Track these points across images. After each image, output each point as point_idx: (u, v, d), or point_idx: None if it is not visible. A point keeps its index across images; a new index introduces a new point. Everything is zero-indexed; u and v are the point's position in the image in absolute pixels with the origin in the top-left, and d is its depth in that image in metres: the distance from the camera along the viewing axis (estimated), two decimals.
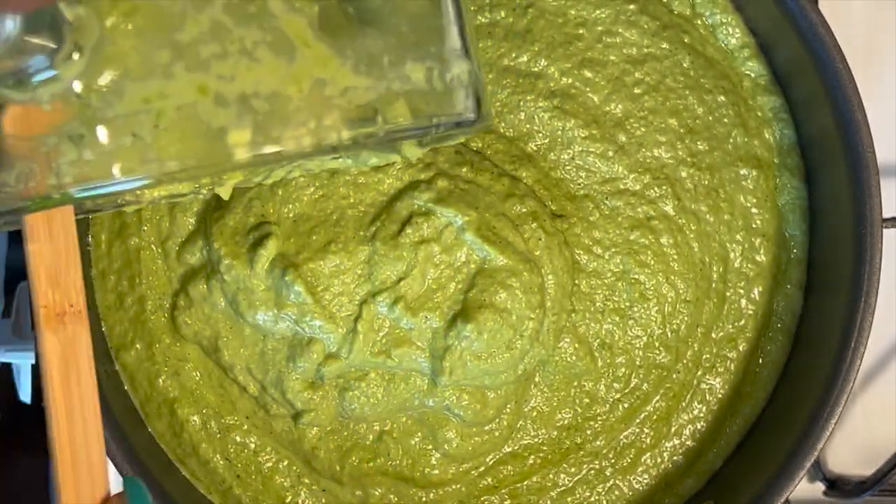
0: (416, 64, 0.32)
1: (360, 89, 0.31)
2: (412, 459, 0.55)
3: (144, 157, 0.30)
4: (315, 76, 0.30)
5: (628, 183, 0.56)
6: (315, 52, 0.30)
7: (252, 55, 0.30)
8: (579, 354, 0.55)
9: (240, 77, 0.30)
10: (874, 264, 0.51)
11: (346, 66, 0.31)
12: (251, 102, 0.30)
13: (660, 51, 0.56)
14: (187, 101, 0.30)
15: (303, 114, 0.30)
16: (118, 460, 0.52)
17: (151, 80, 0.29)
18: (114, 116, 0.30)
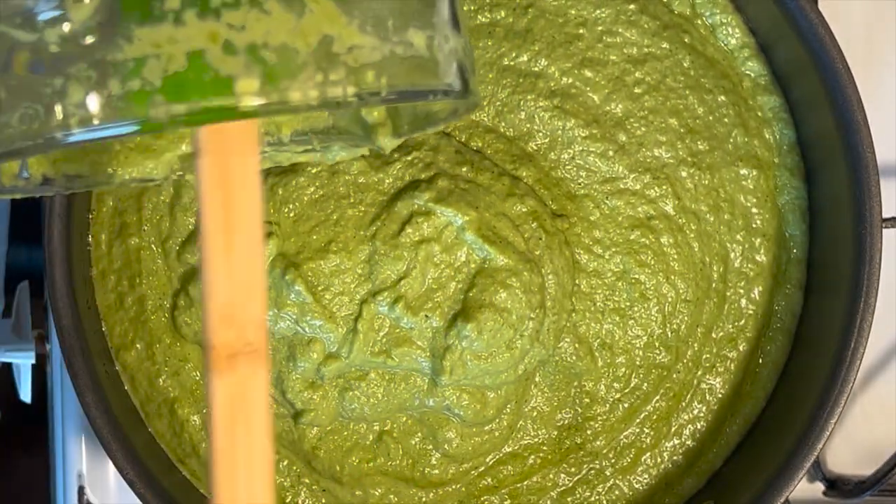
0: (418, 31, 0.33)
1: (366, 49, 0.31)
2: (412, 459, 0.55)
3: (152, 101, 0.30)
4: (323, 32, 0.31)
5: (628, 182, 0.56)
6: (323, 8, 0.31)
7: (262, 7, 0.30)
8: (579, 354, 0.55)
9: (249, 27, 0.30)
10: (874, 264, 0.51)
11: (353, 25, 0.31)
12: (260, 53, 0.30)
13: (660, 50, 0.56)
14: (197, 47, 0.30)
15: (310, 68, 0.31)
16: (118, 460, 0.52)
17: (162, 24, 0.30)
18: (123, 60, 0.30)
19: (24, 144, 0.31)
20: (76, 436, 0.62)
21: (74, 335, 0.52)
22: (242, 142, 0.34)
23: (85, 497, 0.62)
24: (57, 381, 0.63)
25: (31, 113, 0.30)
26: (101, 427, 0.52)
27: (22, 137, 0.31)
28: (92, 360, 0.53)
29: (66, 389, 0.62)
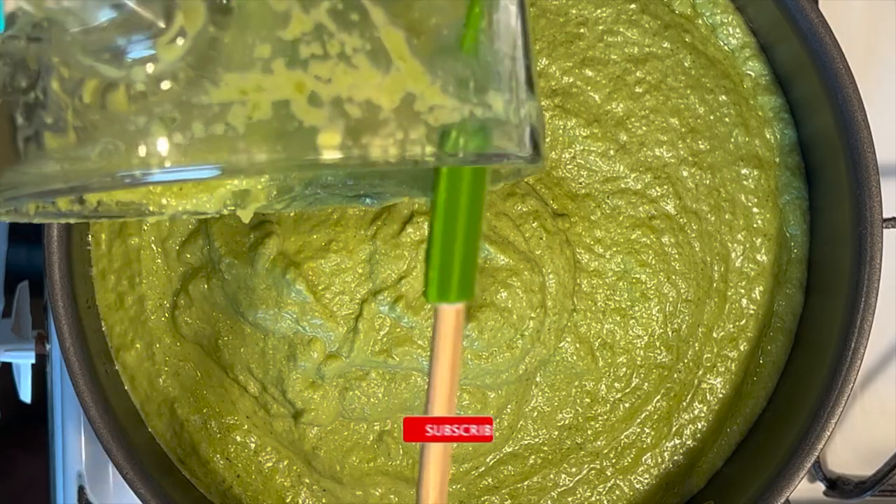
0: (497, 94, 0.33)
1: (447, 109, 0.31)
2: (413, 459, 0.55)
3: (234, 146, 0.30)
4: (407, 90, 0.31)
5: (629, 182, 0.56)
6: (409, 66, 0.31)
7: (350, 61, 0.30)
8: (580, 354, 0.55)
9: (336, 80, 0.30)
10: (874, 264, 0.51)
11: (436, 85, 0.31)
12: (344, 107, 0.30)
13: (661, 50, 0.56)
14: (283, 97, 0.30)
15: (392, 124, 0.31)
16: (118, 460, 0.52)
17: (250, 72, 0.30)
18: (209, 104, 0.30)
19: (102, 181, 0.31)
20: (76, 436, 0.62)
21: (74, 335, 0.52)
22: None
23: (85, 497, 0.62)
24: (57, 381, 0.63)
25: (112, 149, 0.30)
26: (101, 427, 0.52)
27: (100, 173, 0.30)
28: (92, 360, 0.53)
29: (66, 389, 0.62)
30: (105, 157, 0.30)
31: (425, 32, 0.32)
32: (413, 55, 0.31)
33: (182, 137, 0.30)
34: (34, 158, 0.31)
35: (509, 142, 0.33)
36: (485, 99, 0.32)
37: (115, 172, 0.30)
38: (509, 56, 0.33)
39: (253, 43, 0.30)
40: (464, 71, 0.32)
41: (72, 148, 0.31)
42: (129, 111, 0.30)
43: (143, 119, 0.30)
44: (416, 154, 0.31)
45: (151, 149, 0.30)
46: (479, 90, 0.32)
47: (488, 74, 0.33)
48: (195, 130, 0.30)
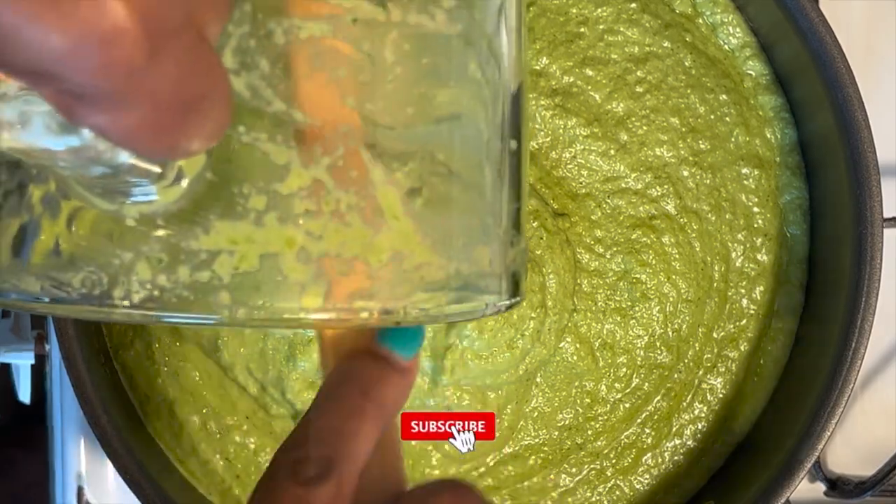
0: (484, 247, 0.32)
1: (433, 267, 0.31)
2: (413, 460, 0.55)
3: (217, 296, 0.29)
4: (396, 248, 0.30)
5: (630, 182, 0.56)
6: (401, 225, 0.31)
7: (343, 218, 0.30)
8: (580, 354, 0.55)
9: (327, 238, 0.30)
10: (874, 264, 0.51)
11: (426, 244, 0.31)
12: (332, 264, 0.30)
13: (661, 49, 0.56)
14: (272, 250, 0.29)
15: (378, 283, 0.30)
16: (117, 461, 0.52)
17: (242, 223, 0.29)
18: (197, 250, 0.29)
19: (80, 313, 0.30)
20: (75, 436, 0.62)
21: (73, 335, 0.52)
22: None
23: (84, 497, 0.61)
24: (56, 381, 0.62)
25: (95, 279, 0.30)
26: (101, 427, 0.52)
27: (79, 300, 0.30)
28: (91, 360, 0.53)
29: (66, 390, 0.62)
30: (87, 286, 0.30)
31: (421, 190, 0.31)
32: (406, 214, 0.31)
33: (166, 280, 0.29)
34: (14, 268, 0.31)
35: (490, 295, 0.33)
36: (472, 254, 0.32)
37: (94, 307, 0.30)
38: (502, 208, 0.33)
39: (248, 193, 0.29)
40: (455, 228, 0.32)
41: (54, 268, 0.30)
42: (116, 244, 0.30)
43: (130, 256, 0.29)
44: (399, 315, 0.31)
45: (134, 286, 0.29)
46: (466, 246, 0.32)
47: (479, 229, 0.32)
48: (180, 275, 0.29)
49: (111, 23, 0.20)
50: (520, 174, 0.34)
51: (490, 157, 0.32)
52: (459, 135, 0.32)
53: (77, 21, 0.20)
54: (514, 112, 0.33)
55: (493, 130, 0.32)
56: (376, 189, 0.30)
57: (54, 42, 0.20)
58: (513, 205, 0.33)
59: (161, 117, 0.23)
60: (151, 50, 0.21)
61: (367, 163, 0.30)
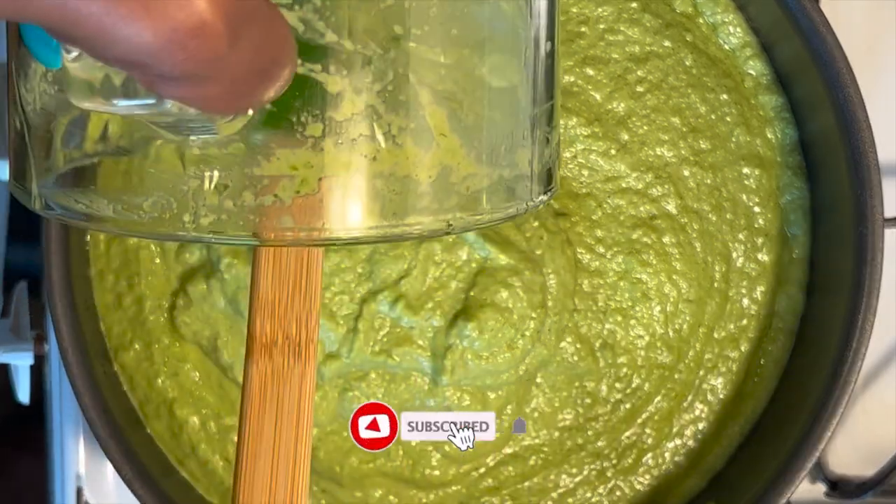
0: (524, 150, 0.34)
1: (479, 176, 0.33)
2: (412, 460, 0.55)
3: (280, 219, 0.31)
4: (444, 164, 0.32)
5: (631, 181, 0.55)
6: (448, 141, 0.32)
7: (395, 140, 0.31)
8: (581, 354, 0.55)
9: (380, 159, 0.31)
10: (875, 264, 0.51)
11: (471, 156, 0.33)
12: (385, 183, 0.31)
13: (662, 49, 0.56)
14: (330, 174, 0.31)
15: (427, 199, 0.32)
16: (117, 461, 0.52)
17: (301, 149, 0.31)
18: (259, 175, 0.31)
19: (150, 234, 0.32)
20: (74, 437, 0.62)
21: (72, 336, 0.52)
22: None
23: (83, 498, 0.61)
24: (55, 381, 0.62)
25: (164, 203, 0.31)
26: (100, 428, 0.52)
27: (150, 224, 0.32)
28: (90, 361, 0.53)
29: (65, 390, 0.61)
30: (157, 209, 0.31)
31: (467, 105, 0.33)
32: (452, 130, 0.32)
33: (232, 204, 0.31)
34: (86, 190, 0.33)
35: (530, 194, 0.34)
36: (513, 159, 0.33)
37: (165, 230, 0.32)
38: (540, 107, 0.34)
39: (306, 121, 0.31)
40: (497, 136, 0.33)
41: (125, 191, 0.32)
42: (183, 171, 0.31)
43: (196, 182, 0.31)
44: (448, 226, 0.33)
45: (202, 210, 0.31)
46: (508, 151, 0.33)
47: (519, 134, 0.34)
48: (245, 199, 0.31)
49: (197, 19, 0.22)
50: (554, 73, 0.35)
51: (527, 63, 0.34)
52: (500, 47, 0.33)
53: (166, 19, 0.22)
54: (550, 13, 0.35)
55: (530, 36, 0.34)
56: (424, 110, 0.32)
57: (146, 39, 0.22)
58: (548, 104, 0.35)
59: (239, 87, 0.25)
60: (232, 38, 0.23)
61: (414, 85, 0.32)
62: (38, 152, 0.33)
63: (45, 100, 0.33)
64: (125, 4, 0.21)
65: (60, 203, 0.33)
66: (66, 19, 0.22)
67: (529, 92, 0.34)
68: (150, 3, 0.22)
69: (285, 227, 0.31)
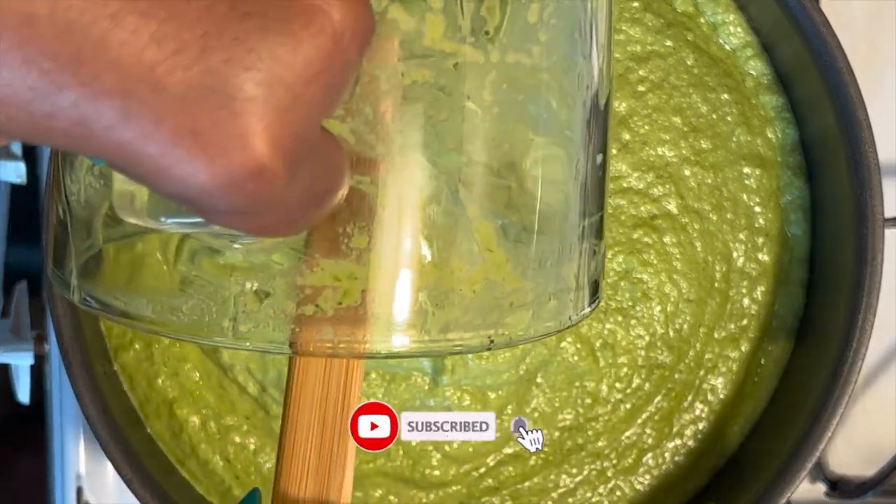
0: (571, 264, 0.33)
1: (523, 291, 0.32)
2: (412, 460, 0.55)
3: (321, 329, 0.31)
4: (488, 278, 0.31)
5: (632, 181, 0.55)
6: (494, 256, 0.31)
7: (440, 254, 0.31)
8: (581, 354, 0.55)
9: (425, 273, 0.31)
10: (876, 264, 0.51)
11: (517, 271, 0.32)
12: (428, 297, 0.31)
13: (664, 48, 0.56)
14: (373, 287, 0.31)
15: (471, 314, 0.31)
16: (117, 461, 0.52)
17: (345, 261, 0.30)
18: (301, 285, 0.30)
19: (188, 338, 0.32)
20: (75, 437, 0.62)
21: (73, 335, 0.52)
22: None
23: (83, 498, 0.61)
24: (55, 381, 0.62)
25: (204, 307, 0.31)
26: (100, 428, 0.51)
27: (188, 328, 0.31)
28: (90, 361, 0.53)
29: (65, 390, 0.61)
30: (196, 313, 0.31)
31: (515, 221, 0.32)
32: (499, 245, 0.31)
33: (272, 312, 0.30)
34: (125, 289, 0.32)
35: (574, 308, 0.34)
36: (559, 273, 0.33)
37: (203, 334, 0.31)
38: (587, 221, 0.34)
39: (352, 233, 0.30)
40: (544, 251, 0.33)
41: (164, 293, 0.31)
42: (223, 277, 0.31)
43: (238, 288, 0.31)
44: (489, 341, 0.32)
45: (241, 317, 0.30)
46: (554, 266, 0.33)
47: (566, 249, 0.33)
48: (286, 308, 0.30)
49: (256, 163, 0.22)
50: (604, 185, 0.35)
51: (578, 177, 0.33)
52: (551, 163, 0.33)
53: (224, 162, 0.21)
54: (602, 126, 0.34)
55: (583, 150, 0.33)
56: (471, 224, 0.31)
57: (202, 180, 0.21)
58: (597, 216, 0.34)
59: (292, 215, 0.25)
60: (290, 176, 0.23)
61: (463, 200, 0.31)
62: (79, 244, 0.33)
63: (89, 193, 0.32)
64: (183, 145, 0.21)
65: (99, 298, 0.33)
66: (124, 158, 0.21)
67: (579, 205, 0.33)
68: (209, 145, 0.21)
69: (325, 339, 0.30)
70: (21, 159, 0.61)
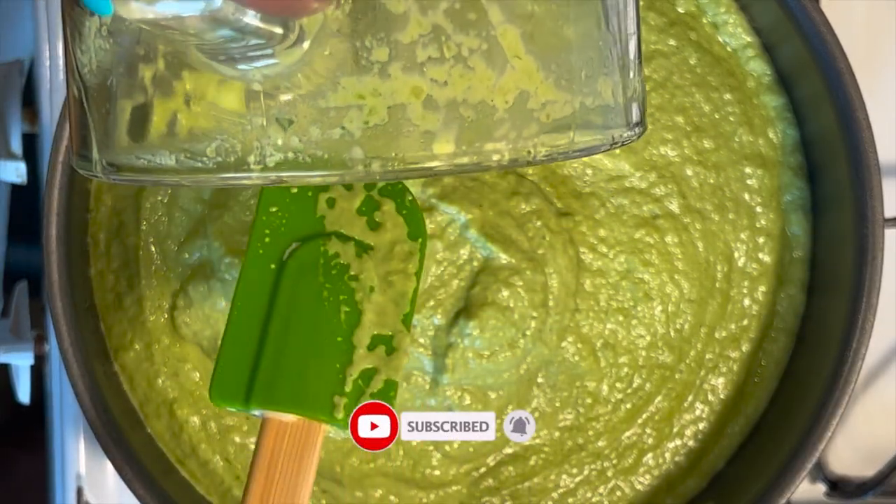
0: (607, 79, 0.32)
1: (559, 104, 0.31)
2: (413, 460, 0.55)
3: (351, 151, 0.29)
4: (521, 88, 0.30)
5: (634, 181, 0.55)
6: (524, 64, 0.30)
7: (466, 62, 0.30)
8: (582, 354, 0.55)
9: (452, 83, 0.30)
10: (876, 264, 0.51)
11: (550, 80, 0.31)
12: (459, 110, 0.30)
13: (667, 47, 0.56)
14: (399, 101, 0.30)
15: (505, 126, 0.30)
16: (117, 461, 0.52)
17: (367, 76, 0.29)
18: (325, 108, 0.29)
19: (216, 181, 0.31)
20: (75, 437, 0.62)
21: (73, 335, 0.52)
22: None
23: (83, 498, 0.61)
24: (55, 381, 0.62)
25: (228, 147, 0.30)
26: (100, 428, 0.52)
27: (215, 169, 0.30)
28: (90, 361, 0.53)
29: (65, 390, 0.62)
30: (221, 154, 0.30)
31: (541, 25, 0.31)
32: (528, 52, 0.30)
33: (298, 141, 0.29)
34: (148, 146, 0.31)
35: (617, 127, 0.33)
36: (595, 87, 0.32)
37: (230, 174, 0.30)
38: (620, 35, 0.33)
39: (371, 46, 0.29)
40: (577, 61, 0.31)
41: (186, 140, 0.31)
42: (244, 110, 0.30)
43: (260, 120, 0.30)
44: (529, 155, 0.31)
45: (267, 150, 0.30)
46: (589, 78, 0.32)
47: (599, 60, 0.32)
48: (312, 134, 0.29)
49: None
50: (634, 3, 0.33)
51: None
52: None
53: None
54: None
55: None
56: (496, 29, 0.30)
57: None
58: (630, 33, 0.33)
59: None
60: None
61: (484, 3, 0.30)
62: (96, 114, 0.32)
63: (100, 56, 0.31)
64: None
65: (121, 163, 0.32)
66: None
67: (609, 16, 0.32)
68: None
69: (356, 160, 0.29)
70: (21, 159, 0.61)
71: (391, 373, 0.44)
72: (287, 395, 0.43)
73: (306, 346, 0.44)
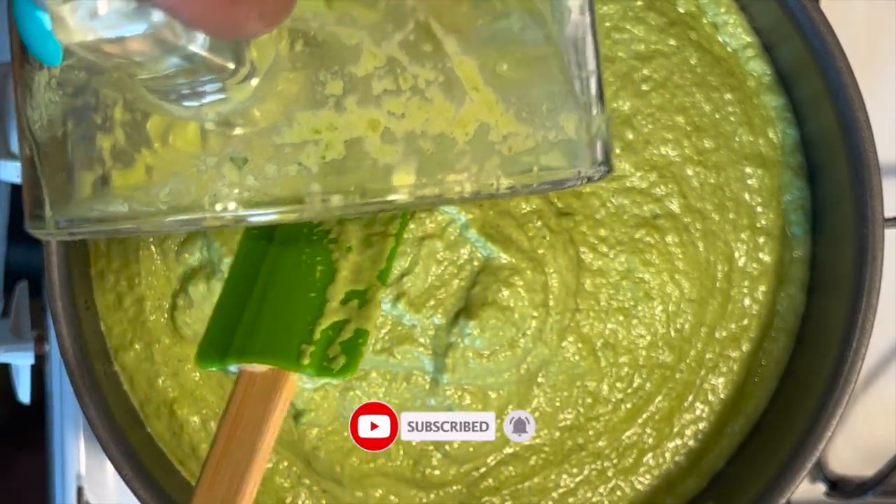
0: (569, 114, 0.32)
1: (521, 136, 0.31)
2: (413, 460, 0.55)
3: (308, 188, 0.29)
4: (480, 120, 0.30)
5: (635, 181, 0.55)
6: (482, 96, 0.30)
7: (423, 94, 0.30)
8: (582, 354, 0.55)
9: (409, 115, 0.30)
10: (876, 264, 0.51)
11: (510, 113, 0.31)
12: (418, 142, 0.30)
13: (667, 47, 0.56)
14: (356, 135, 0.29)
15: (466, 158, 0.30)
16: (117, 461, 0.52)
17: (322, 110, 0.29)
18: (281, 144, 0.29)
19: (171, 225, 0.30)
20: (75, 436, 0.62)
21: (73, 336, 0.52)
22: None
23: (84, 498, 0.61)
24: (56, 381, 0.62)
25: (182, 189, 0.30)
26: (100, 428, 0.52)
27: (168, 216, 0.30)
28: (91, 361, 0.53)
29: (65, 390, 0.62)
30: (174, 198, 0.30)
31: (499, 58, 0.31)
32: (486, 84, 0.30)
33: (254, 179, 0.29)
34: (100, 195, 0.31)
35: (582, 163, 0.33)
36: (557, 121, 0.32)
37: (184, 217, 0.30)
38: (580, 72, 0.33)
39: (325, 80, 0.29)
40: (537, 95, 0.31)
41: (139, 187, 0.30)
42: (199, 150, 0.29)
43: (213, 160, 0.29)
44: (492, 188, 0.31)
45: (223, 191, 0.29)
46: (551, 112, 0.32)
47: (561, 95, 0.32)
48: (267, 171, 0.29)
49: None
50: (593, 38, 0.33)
51: (563, 24, 0.32)
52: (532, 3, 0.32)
53: None
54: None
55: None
56: (452, 61, 0.30)
57: None
58: (591, 69, 0.33)
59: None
60: None
61: (439, 35, 0.30)
62: (48, 170, 0.32)
63: (50, 110, 0.31)
64: None
65: (74, 216, 0.32)
66: None
67: (567, 52, 0.32)
68: None
69: (314, 195, 0.29)
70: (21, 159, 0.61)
71: (362, 322, 0.44)
72: (257, 347, 0.43)
73: (281, 304, 0.44)
